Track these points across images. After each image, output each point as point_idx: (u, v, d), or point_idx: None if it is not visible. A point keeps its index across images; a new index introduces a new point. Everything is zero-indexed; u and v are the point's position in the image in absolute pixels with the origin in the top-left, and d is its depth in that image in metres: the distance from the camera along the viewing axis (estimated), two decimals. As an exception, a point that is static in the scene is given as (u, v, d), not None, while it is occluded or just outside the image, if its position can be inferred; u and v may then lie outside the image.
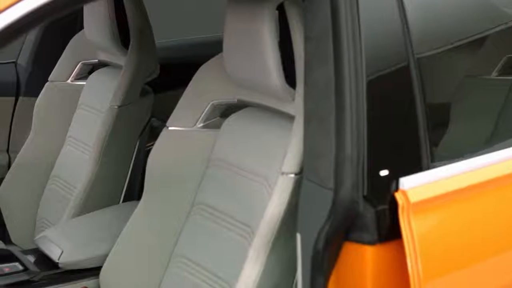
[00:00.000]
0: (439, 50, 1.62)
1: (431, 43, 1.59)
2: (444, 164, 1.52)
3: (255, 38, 1.68)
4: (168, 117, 2.59)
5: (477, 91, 1.76)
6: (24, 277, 1.97)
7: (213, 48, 3.06)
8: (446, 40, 1.63)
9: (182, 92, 2.84)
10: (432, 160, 1.51)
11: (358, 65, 1.44)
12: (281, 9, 1.68)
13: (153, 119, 2.51)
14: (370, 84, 1.44)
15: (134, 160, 2.39)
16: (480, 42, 1.75)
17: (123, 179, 2.38)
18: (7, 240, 2.65)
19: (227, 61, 1.81)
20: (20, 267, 2.00)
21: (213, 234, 1.84)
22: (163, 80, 2.49)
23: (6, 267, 1.99)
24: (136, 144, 2.39)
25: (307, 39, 1.53)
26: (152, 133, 2.49)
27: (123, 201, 2.40)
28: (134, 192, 2.43)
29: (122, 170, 2.38)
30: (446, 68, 1.66)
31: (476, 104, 1.73)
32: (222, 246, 1.80)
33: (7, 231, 2.66)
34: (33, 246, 2.52)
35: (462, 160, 1.55)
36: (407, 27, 1.51)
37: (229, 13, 1.77)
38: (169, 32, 2.95)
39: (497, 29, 1.73)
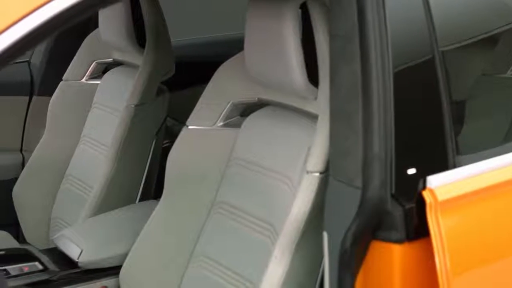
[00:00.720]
0: (462, 44, 1.62)
1: (454, 38, 1.59)
2: (470, 162, 1.53)
3: (278, 37, 1.68)
4: (181, 115, 2.61)
5: (500, 87, 1.76)
6: (43, 276, 1.98)
7: (225, 47, 3.11)
8: (468, 35, 1.63)
9: (195, 91, 2.86)
10: (458, 158, 1.51)
11: (385, 63, 1.44)
12: (303, 7, 1.68)
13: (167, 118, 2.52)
14: (397, 81, 1.44)
15: (150, 159, 2.39)
16: (500, 37, 1.75)
17: (140, 178, 2.38)
18: (21, 239, 2.65)
19: (248, 59, 1.80)
20: (40, 267, 2.00)
21: (235, 233, 1.84)
22: (176, 79, 2.49)
23: (25, 266, 1.99)
24: (152, 143, 2.39)
25: (332, 37, 1.53)
26: (165, 131, 2.49)
27: (139, 200, 2.39)
28: (150, 191, 2.43)
29: (139, 169, 2.38)
30: (470, 65, 1.66)
31: (500, 100, 1.73)
32: (244, 245, 1.80)
33: (21, 230, 2.66)
34: (47, 245, 2.53)
35: (488, 158, 1.55)
36: (432, 24, 1.51)
37: (251, 12, 1.76)
38: (183, 31, 2.94)
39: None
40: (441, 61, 1.51)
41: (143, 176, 2.38)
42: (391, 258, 1.45)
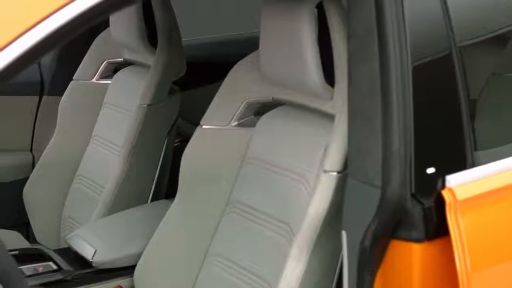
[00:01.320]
0: (479, 40, 1.62)
1: (471, 34, 1.59)
2: (488, 161, 1.53)
3: (295, 37, 1.68)
4: (189, 115, 2.61)
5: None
6: (58, 276, 1.98)
7: (232, 47, 3.11)
8: (486, 30, 1.63)
9: (203, 91, 2.87)
10: (476, 157, 1.51)
11: (404, 62, 1.44)
12: (319, 7, 1.68)
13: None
14: (416, 80, 1.44)
15: (162, 159, 2.39)
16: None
17: (151, 178, 2.38)
18: (31, 239, 2.65)
19: (263, 59, 1.80)
20: (54, 266, 2.00)
21: (249, 233, 1.84)
22: (184, 79, 2.49)
23: (40, 266, 1.99)
24: (164, 142, 2.39)
25: (350, 37, 1.53)
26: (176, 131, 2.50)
27: (151, 200, 2.39)
28: (162, 191, 2.43)
29: (151, 169, 2.38)
30: (487, 60, 1.66)
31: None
32: (259, 244, 1.81)
33: (31, 230, 2.67)
34: (58, 245, 2.53)
35: (506, 156, 1.55)
36: (449, 20, 1.51)
37: (266, 11, 1.76)
38: (192, 31, 2.94)
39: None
40: (459, 58, 1.51)
41: (155, 176, 2.38)
42: (410, 257, 1.45)
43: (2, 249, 1.31)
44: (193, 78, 2.62)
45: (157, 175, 2.38)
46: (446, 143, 1.50)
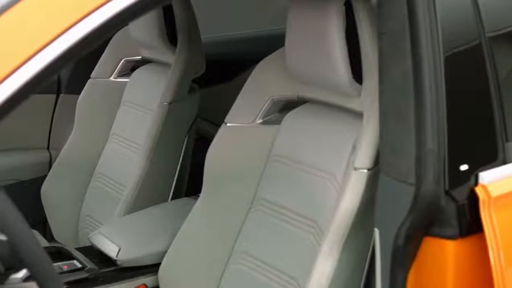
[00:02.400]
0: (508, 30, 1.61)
1: (500, 24, 1.59)
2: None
3: (323, 34, 1.68)
4: (206, 112, 2.61)
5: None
6: (82, 274, 1.97)
7: (249, 45, 3.11)
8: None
9: (220, 89, 2.87)
10: (509, 153, 1.52)
11: (436, 59, 1.44)
12: (347, 4, 1.68)
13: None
14: (448, 75, 1.44)
15: (183, 157, 2.39)
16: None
17: (172, 176, 2.38)
18: (48, 237, 2.65)
19: (289, 56, 1.80)
20: (78, 265, 2.00)
21: (275, 230, 1.84)
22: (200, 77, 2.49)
23: (64, 265, 1.99)
24: (184, 140, 2.39)
25: (381, 34, 1.53)
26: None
27: (172, 199, 2.39)
28: (182, 189, 2.43)
29: (171, 167, 2.38)
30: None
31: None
32: (286, 242, 1.81)
33: (49, 228, 2.67)
34: (76, 243, 2.53)
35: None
36: (479, 14, 1.51)
37: (293, 9, 1.76)
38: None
39: None
40: (488, 49, 1.50)
41: (175, 174, 2.38)
42: (444, 254, 1.45)
43: (39, 247, 1.31)
44: (208, 76, 2.62)
45: (178, 173, 2.38)
46: (478, 138, 1.50)
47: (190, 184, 2.43)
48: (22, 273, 1.31)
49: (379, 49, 1.54)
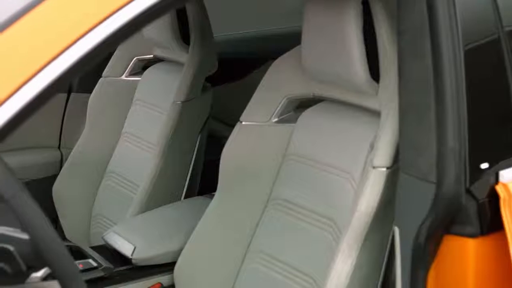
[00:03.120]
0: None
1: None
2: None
3: (340, 32, 1.68)
4: (215, 112, 2.61)
5: None
6: (98, 273, 1.97)
7: (258, 43, 3.11)
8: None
9: (229, 88, 2.87)
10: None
11: (457, 56, 1.44)
12: (364, 2, 1.68)
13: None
14: (469, 76, 1.45)
15: (196, 155, 2.39)
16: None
17: (185, 175, 2.38)
18: (60, 236, 2.64)
19: (305, 54, 1.80)
20: (93, 264, 1.99)
21: (292, 229, 1.84)
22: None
23: (80, 264, 1.99)
24: (197, 139, 2.39)
25: (400, 33, 1.53)
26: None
27: (185, 197, 2.39)
28: (195, 188, 2.43)
29: (184, 166, 2.38)
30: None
31: None
32: (303, 240, 1.81)
33: (60, 227, 2.67)
34: (88, 242, 2.54)
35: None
36: (499, 14, 1.51)
37: (309, 7, 1.76)
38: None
39: None
40: (507, 45, 1.50)
41: (188, 173, 2.38)
42: (465, 252, 1.45)
43: (62, 246, 1.31)
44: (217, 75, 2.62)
45: (191, 172, 2.38)
46: (497, 138, 1.50)
47: (203, 182, 2.43)
48: (42, 272, 1.31)
49: (398, 47, 1.54)
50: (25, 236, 1.28)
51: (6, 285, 1.30)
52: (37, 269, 1.29)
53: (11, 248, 1.27)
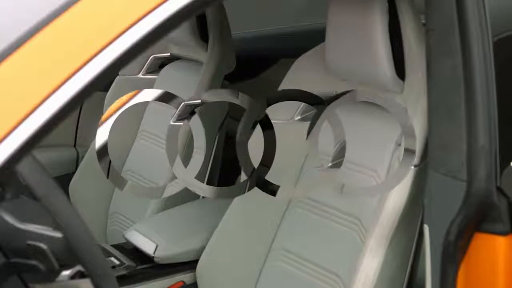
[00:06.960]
0: None
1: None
2: None
3: (366, 30, 1.68)
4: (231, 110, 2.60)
5: None
6: (121, 271, 1.97)
7: (274, 41, 3.11)
8: None
9: (245, 85, 2.86)
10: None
11: (486, 54, 1.44)
12: (389, 1, 1.68)
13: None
14: (499, 73, 1.44)
15: (214, 153, 2.39)
16: None
17: (204, 173, 2.37)
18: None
19: (329, 52, 1.80)
20: (116, 262, 2.00)
21: (316, 227, 1.84)
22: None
23: (103, 262, 1.98)
24: (216, 137, 2.39)
25: (428, 31, 1.53)
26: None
27: (203, 196, 2.39)
28: (214, 186, 2.42)
29: (203, 164, 2.37)
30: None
31: None
32: (326, 238, 1.81)
33: (76, 225, 2.66)
34: (105, 240, 2.53)
35: None
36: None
37: (334, 5, 1.76)
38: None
39: None
40: None
41: (207, 171, 2.38)
42: (495, 250, 1.45)
43: (94, 245, 1.31)
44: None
45: (209, 170, 2.38)
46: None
47: (221, 180, 2.43)
48: (70, 270, 1.31)
49: (426, 45, 1.54)
50: (58, 234, 1.28)
51: (38, 282, 1.30)
52: (68, 267, 1.29)
53: (44, 246, 1.27)
